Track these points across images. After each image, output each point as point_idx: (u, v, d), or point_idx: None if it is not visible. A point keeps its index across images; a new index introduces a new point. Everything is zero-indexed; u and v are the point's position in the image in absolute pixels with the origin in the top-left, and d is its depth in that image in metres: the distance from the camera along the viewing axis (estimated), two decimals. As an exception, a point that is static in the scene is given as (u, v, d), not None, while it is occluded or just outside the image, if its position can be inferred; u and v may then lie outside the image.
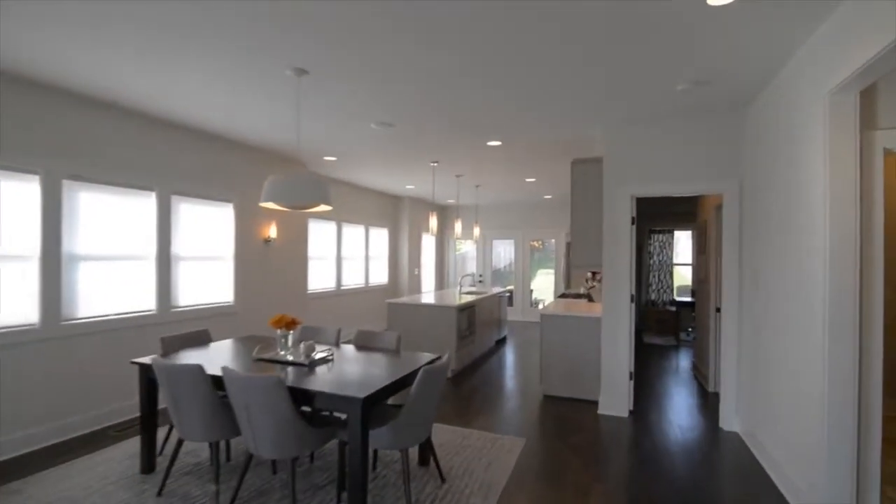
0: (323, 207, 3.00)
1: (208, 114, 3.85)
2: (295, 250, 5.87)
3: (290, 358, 2.84)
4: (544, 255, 10.22)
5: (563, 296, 6.27)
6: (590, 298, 5.45)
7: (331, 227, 7.10)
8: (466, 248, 11.01)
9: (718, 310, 4.68)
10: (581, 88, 3.17)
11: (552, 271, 10.04)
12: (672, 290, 8.57)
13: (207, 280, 4.64)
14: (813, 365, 2.35)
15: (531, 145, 4.78)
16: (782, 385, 2.80)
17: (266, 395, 2.16)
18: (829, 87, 2.24)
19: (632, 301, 4.02)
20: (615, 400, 4.04)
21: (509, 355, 6.48)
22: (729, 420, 3.70)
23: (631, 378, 4.04)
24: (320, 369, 2.67)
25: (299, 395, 2.29)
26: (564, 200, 9.29)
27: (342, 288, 7.37)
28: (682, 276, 8.74)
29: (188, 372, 2.37)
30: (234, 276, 4.91)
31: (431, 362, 2.91)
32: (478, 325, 6.02)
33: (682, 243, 8.71)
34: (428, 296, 6.29)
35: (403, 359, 2.96)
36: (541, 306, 10.29)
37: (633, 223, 4.04)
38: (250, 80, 3.08)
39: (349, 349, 3.26)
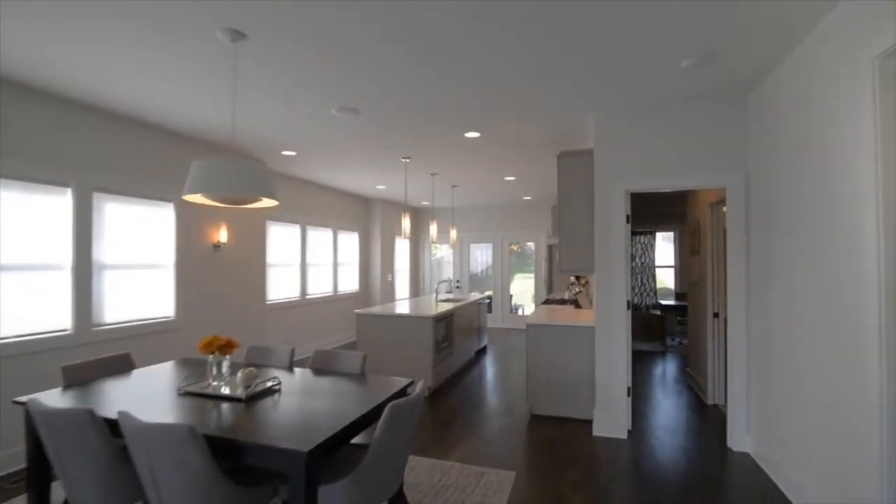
0: (267, 203, 2.44)
1: (135, 95, 3.24)
2: (251, 256, 5.24)
3: (225, 391, 2.26)
4: (521, 258, 9.84)
5: (546, 302, 5.85)
6: (577, 304, 5.04)
7: (294, 230, 6.48)
8: (443, 253, 10.52)
9: (716, 315, 4.33)
10: (573, 71, 2.73)
11: (530, 275, 9.66)
12: (655, 294, 8.31)
13: (142, 292, 3.98)
14: (860, 374, 1.95)
15: (513, 138, 4.34)
16: (809, 398, 2.40)
17: (175, 450, 1.59)
18: (878, 51, 1.85)
19: (628, 308, 3.60)
20: (612, 419, 3.60)
21: (491, 367, 5.99)
22: (739, 439, 3.31)
23: (629, 394, 3.61)
24: (261, 405, 2.11)
25: (223, 447, 1.73)
26: (545, 201, 8.94)
27: (308, 297, 6.74)
28: (660, 279, 8.51)
29: (72, 417, 1.77)
30: (175, 287, 4.25)
31: (403, 390, 2.39)
32: (456, 336, 5.52)
33: (660, 245, 8.48)
34: (402, 304, 5.76)
35: (369, 387, 2.43)
36: (520, 312, 9.89)
37: (627, 221, 3.63)
38: (173, 48, 2.50)
39: (304, 374, 2.70)
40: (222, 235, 4.69)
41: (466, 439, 3.56)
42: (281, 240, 6.19)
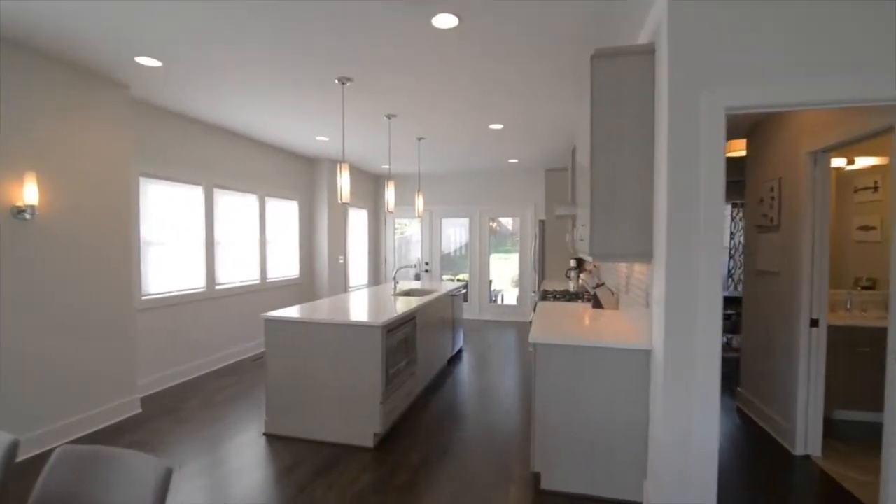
0: None
1: None
2: (106, 229, 3.38)
3: None
4: (499, 237, 8.25)
5: (545, 296, 4.26)
6: (596, 301, 3.47)
7: (193, 193, 4.60)
8: (411, 231, 8.79)
9: (815, 323, 2.84)
10: None
11: (508, 256, 8.10)
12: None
13: None
14: None
15: (511, 24, 2.63)
16: None
17: None
18: None
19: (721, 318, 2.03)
20: (686, 513, 2.06)
21: (469, 385, 4.40)
22: (925, 563, 1.84)
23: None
24: None
25: None
26: (537, 164, 7.30)
27: (219, 287, 4.92)
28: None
29: None
30: (-87, 282, 2.40)
31: None
32: (421, 345, 3.88)
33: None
34: (344, 301, 4.04)
35: None
36: (500, 300, 8.36)
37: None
38: None
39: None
40: (28, 194, 2.81)
41: (432, 560, 1.95)
42: (169, 206, 4.31)
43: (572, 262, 5.39)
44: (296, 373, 3.14)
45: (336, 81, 3.36)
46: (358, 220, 7.83)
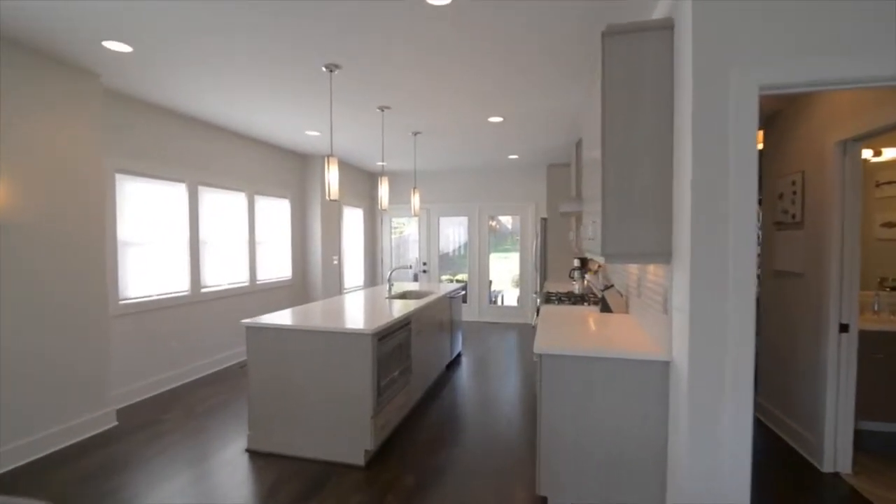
0: None
1: None
2: (75, 229, 3.13)
3: None
4: (498, 236, 8.01)
5: (548, 299, 4.02)
6: (604, 305, 3.23)
7: (176, 191, 4.35)
8: (409, 231, 8.54)
9: (845, 328, 2.61)
10: None
11: (509, 255, 7.87)
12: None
13: None
14: None
15: (511, 9, 2.39)
16: None
17: None
18: None
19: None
20: (713, 549, 1.82)
21: (468, 393, 4.16)
22: None
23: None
24: None
25: None
26: (537, 160, 7.05)
27: (205, 290, 4.68)
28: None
29: None
30: None
31: None
32: (416, 352, 3.64)
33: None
34: (339, 303, 3.80)
35: None
36: (500, 301, 8.13)
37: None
38: None
39: None
40: (-16, 190, 2.57)
41: None
42: (150, 205, 4.06)
43: (576, 262, 5.15)
44: (280, 384, 2.90)
45: (323, 69, 3.11)
46: (353, 220, 7.58)
